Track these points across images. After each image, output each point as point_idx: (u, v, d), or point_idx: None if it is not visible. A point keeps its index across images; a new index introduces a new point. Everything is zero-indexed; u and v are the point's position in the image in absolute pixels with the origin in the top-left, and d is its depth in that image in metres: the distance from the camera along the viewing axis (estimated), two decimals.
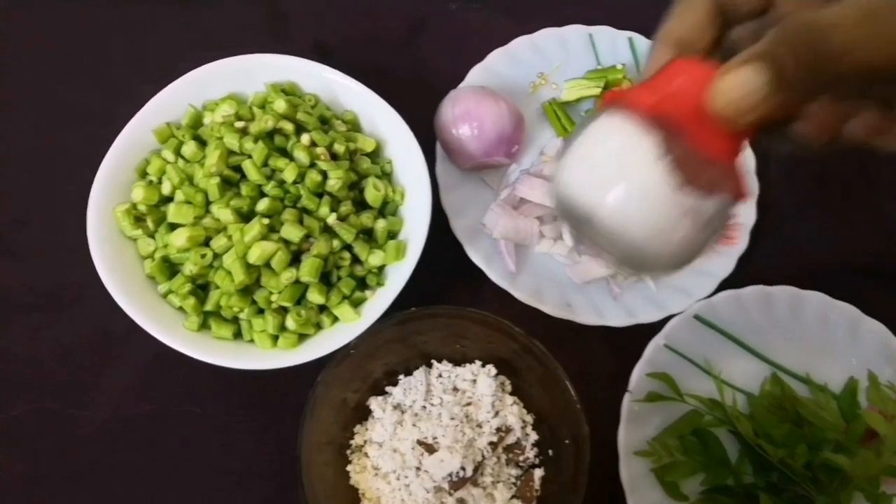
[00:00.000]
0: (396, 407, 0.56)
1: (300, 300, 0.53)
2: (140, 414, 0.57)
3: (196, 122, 0.57)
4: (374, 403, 0.56)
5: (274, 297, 0.52)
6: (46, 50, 0.68)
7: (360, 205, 0.57)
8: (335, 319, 0.54)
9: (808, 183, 0.67)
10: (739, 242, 0.62)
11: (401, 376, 0.57)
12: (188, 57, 0.58)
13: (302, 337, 0.53)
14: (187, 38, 0.69)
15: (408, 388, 0.56)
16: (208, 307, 0.53)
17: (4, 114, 0.66)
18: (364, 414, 0.56)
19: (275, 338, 0.53)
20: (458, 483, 0.53)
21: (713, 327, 0.60)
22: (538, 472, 0.54)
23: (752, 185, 0.64)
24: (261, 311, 0.53)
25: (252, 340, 0.53)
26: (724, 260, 0.62)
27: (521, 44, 0.67)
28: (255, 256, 0.51)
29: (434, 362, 0.57)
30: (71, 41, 0.69)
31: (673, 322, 0.60)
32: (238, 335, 0.54)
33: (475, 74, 0.65)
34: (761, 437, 0.56)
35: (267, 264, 0.52)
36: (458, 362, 0.57)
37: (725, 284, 0.61)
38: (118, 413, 0.57)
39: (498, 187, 0.64)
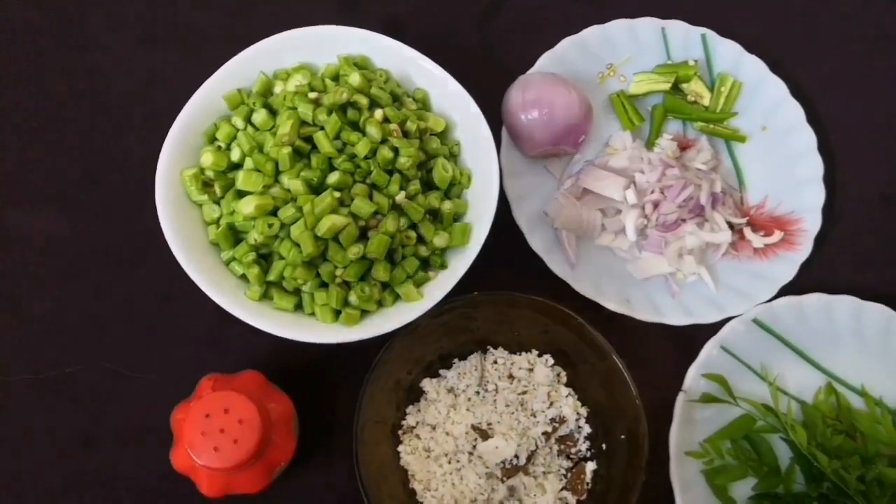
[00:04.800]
0: (450, 390, 0.56)
1: (364, 276, 0.53)
2: (193, 380, 0.57)
3: (267, 90, 0.57)
4: (428, 385, 0.56)
5: (339, 272, 0.52)
6: (126, 14, 0.68)
7: (426, 185, 0.56)
8: (396, 298, 0.54)
9: (878, 194, 0.65)
10: (802, 249, 0.61)
11: (455, 360, 0.57)
12: (260, 27, 0.58)
13: (364, 314, 0.53)
14: (260, 10, 0.68)
15: (462, 373, 0.56)
16: (271, 277, 0.52)
17: (81, 76, 0.65)
18: (416, 395, 0.56)
19: (337, 312, 0.52)
20: (510, 471, 0.52)
21: (771, 333, 0.60)
22: (590, 466, 0.54)
23: (818, 192, 0.63)
24: (324, 285, 0.53)
25: (313, 313, 0.53)
26: (785, 265, 0.61)
27: (592, 33, 0.66)
28: (324, 229, 0.50)
29: (490, 348, 0.57)
30: (147, 8, 0.68)
31: (731, 325, 0.59)
32: (299, 307, 0.53)
33: (545, 61, 0.64)
34: (815, 447, 0.55)
35: (334, 238, 0.51)
36: (513, 350, 0.57)
37: (786, 290, 0.60)
38: (172, 377, 0.57)
39: (561, 177, 0.63)
